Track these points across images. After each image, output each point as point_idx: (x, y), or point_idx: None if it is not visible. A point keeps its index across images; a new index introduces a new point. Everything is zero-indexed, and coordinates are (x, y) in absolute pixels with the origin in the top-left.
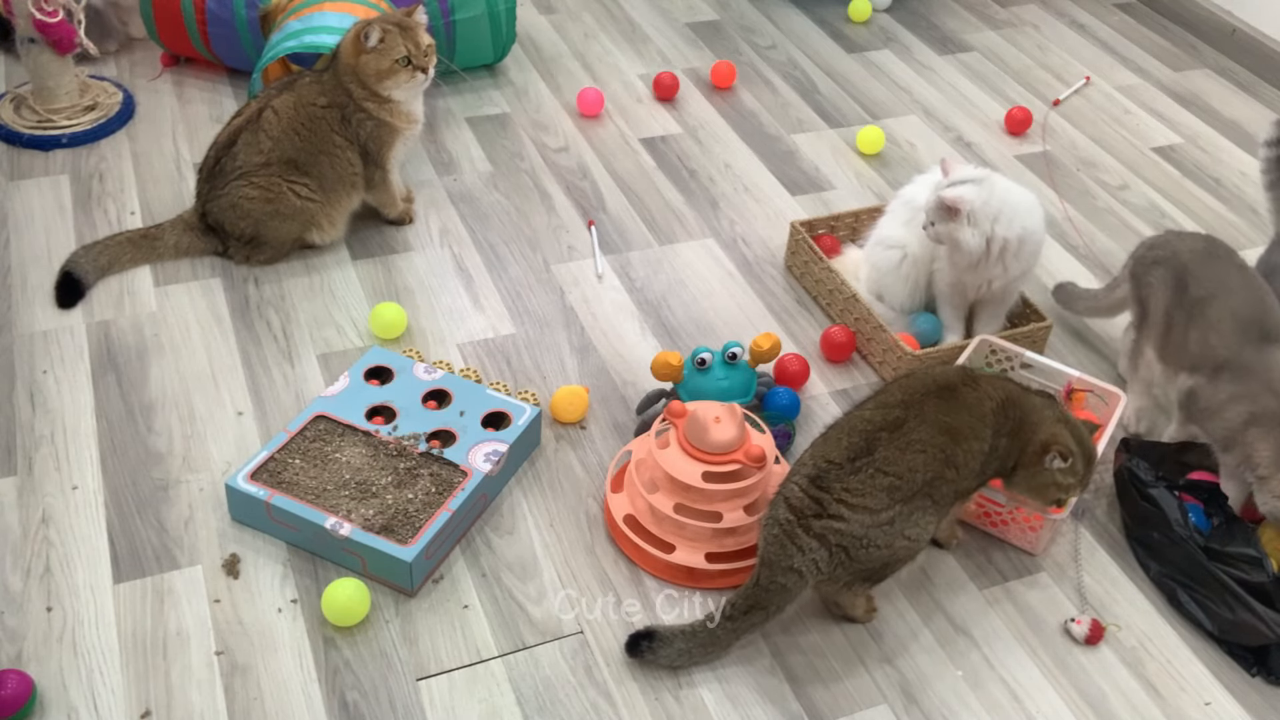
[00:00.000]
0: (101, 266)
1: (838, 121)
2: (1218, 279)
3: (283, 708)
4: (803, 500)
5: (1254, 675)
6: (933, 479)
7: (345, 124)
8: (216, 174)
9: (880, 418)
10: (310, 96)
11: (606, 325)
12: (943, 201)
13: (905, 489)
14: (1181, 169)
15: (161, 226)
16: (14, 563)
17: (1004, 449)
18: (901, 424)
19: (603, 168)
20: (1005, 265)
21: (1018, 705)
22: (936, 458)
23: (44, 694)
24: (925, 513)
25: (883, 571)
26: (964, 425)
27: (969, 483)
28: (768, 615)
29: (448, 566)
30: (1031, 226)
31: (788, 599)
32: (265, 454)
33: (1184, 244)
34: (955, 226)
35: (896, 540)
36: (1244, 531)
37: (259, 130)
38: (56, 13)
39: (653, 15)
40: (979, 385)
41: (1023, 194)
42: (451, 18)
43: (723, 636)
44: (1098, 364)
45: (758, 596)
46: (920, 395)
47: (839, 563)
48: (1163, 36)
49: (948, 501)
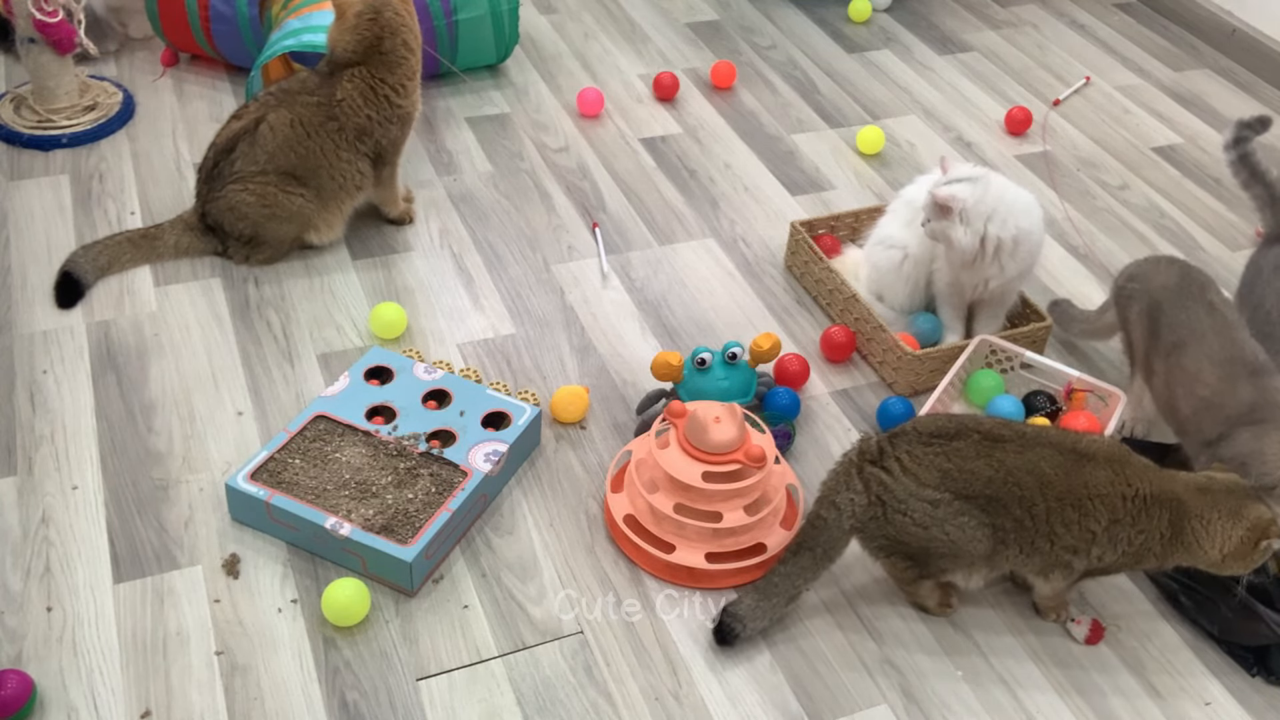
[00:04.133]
0: (101, 266)
1: (838, 121)
2: (1187, 324)
3: (283, 708)
4: (871, 447)
5: (1254, 675)
6: (997, 500)
7: (361, 139)
8: (215, 176)
9: (990, 427)
10: (308, 116)
11: (606, 325)
12: (936, 199)
13: (960, 485)
14: (1181, 169)
15: (161, 226)
16: (14, 563)
17: (1139, 544)
18: (1001, 442)
19: (603, 168)
20: (1001, 265)
21: (1018, 705)
22: (1010, 488)
23: (44, 694)
24: (975, 524)
25: (924, 559)
26: (1066, 489)
27: (1047, 544)
28: (815, 558)
29: (448, 566)
30: (1027, 226)
31: (829, 539)
32: (265, 454)
33: (1158, 278)
34: (949, 224)
35: (935, 528)
36: None
37: (255, 143)
38: (56, 13)
39: (653, 15)
40: (1123, 469)
41: (1019, 194)
42: (454, 18)
43: (780, 583)
44: (1098, 364)
45: (804, 534)
46: (1040, 439)
47: (874, 516)
48: (1163, 36)
49: (1010, 543)
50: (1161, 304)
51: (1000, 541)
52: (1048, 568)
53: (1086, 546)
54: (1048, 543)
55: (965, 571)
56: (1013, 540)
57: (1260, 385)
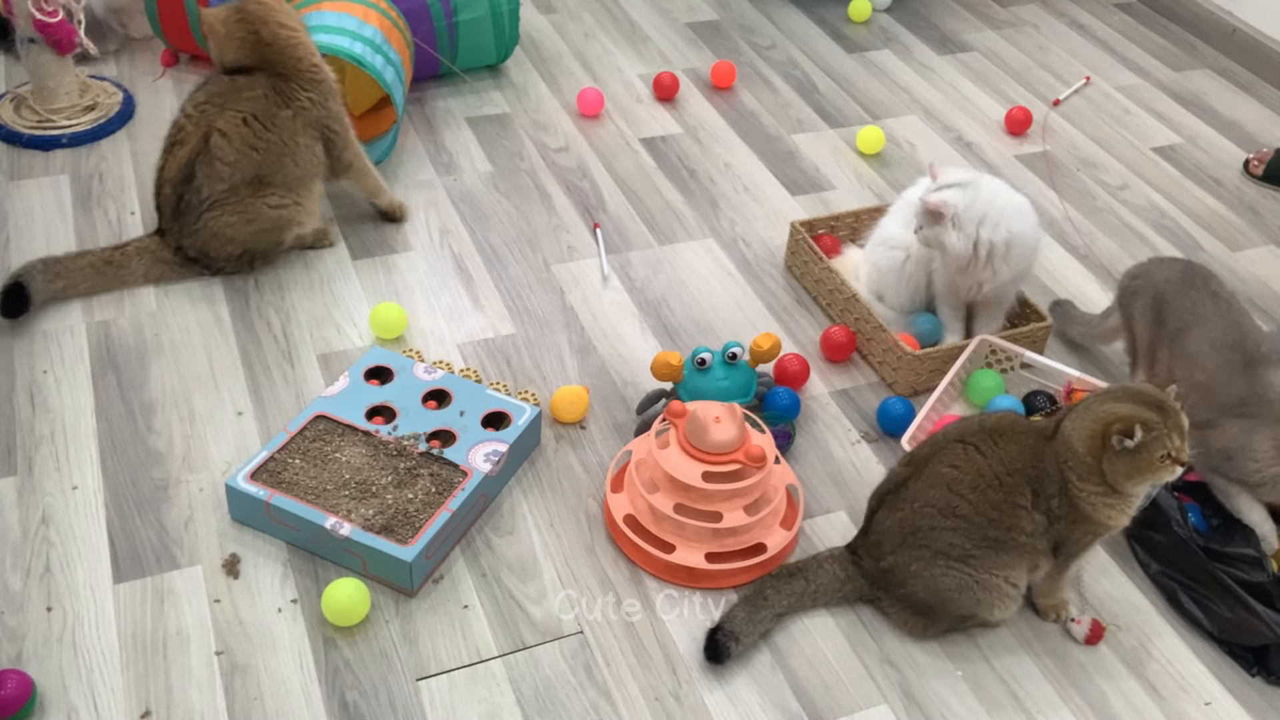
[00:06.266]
0: (56, 290)
1: (838, 121)
2: (1191, 309)
3: (283, 708)
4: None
5: (1254, 675)
6: (923, 530)
7: (303, 115)
8: (183, 211)
9: (895, 470)
10: (259, 109)
11: (606, 325)
12: (927, 205)
13: (901, 539)
14: (1181, 169)
15: (127, 253)
16: (14, 563)
17: (1058, 484)
18: (902, 483)
19: (603, 168)
20: (994, 269)
21: (1018, 705)
22: (924, 510)
23: (44, 694)
24: (943, 565)
25: (941, 611)
26: (975, 476)
27: (1001, 533)
28: (806, 590)
29: (448, 566)
30: (1020, 230)
31: (826, 587)
32: (265, 454)
33: (1161, 273)
34: (940, 230)
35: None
36: (1243, 531)
37: (212, 161)
38: (56, 13)
39: (653, 15)
40: (1018, 431)
41: (1012, 197)
42: (454, 18)
43: (771, 596)
44: (1098, 364)
45: (807, 565)
46: (938, 442)
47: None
48: (1163, 36)
49: (978, 553)
50: (1165, 295)
51: (972, 555)
52: (1022, 558)
53: (1028, 517)
54: (1001, 531)
55: (988, 599)
56: (977, 548)
57: (1254, 377)
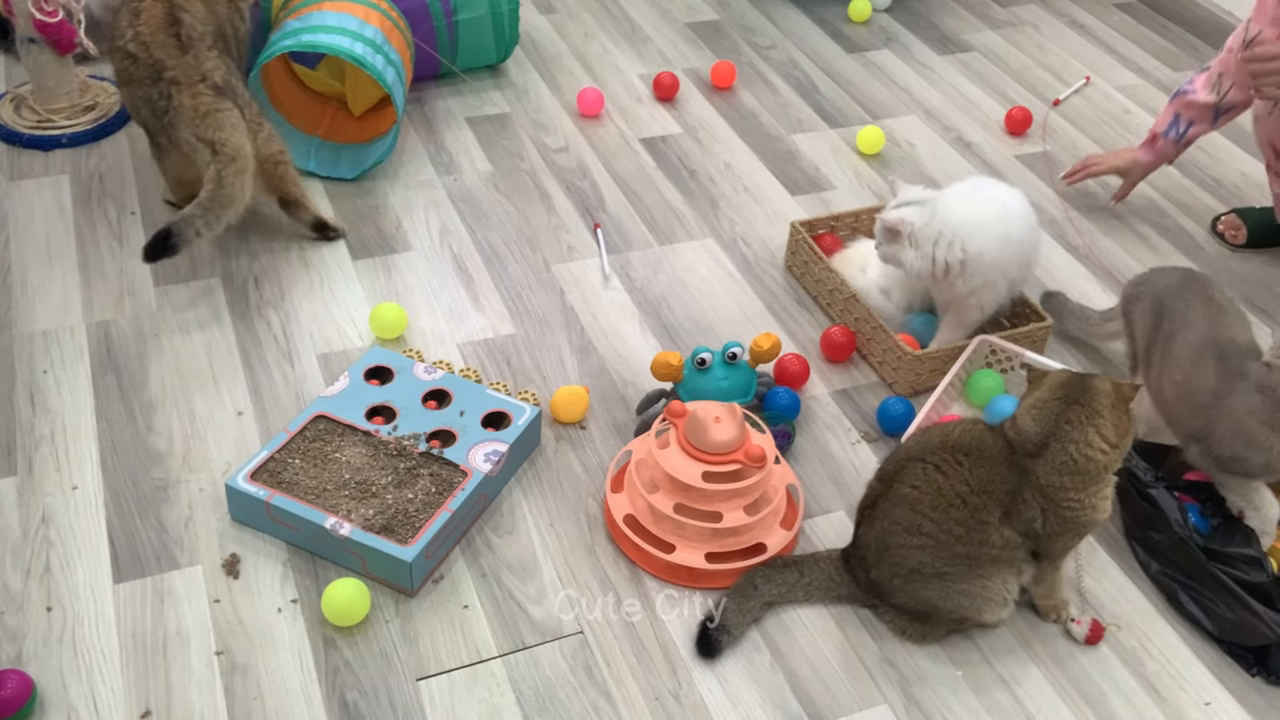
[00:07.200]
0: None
1: (838, 121)
2: (1183, 313)
3: (283, 708)
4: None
5: (1254, 675)
6: (893, 548)
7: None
8: (187, 44)
9: (870, 487)
10: None
11: (606, 325)
12: (884, 223)
13: (880, 554)
14: (1181, 169)
15: None
16: (14, 563)
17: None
18: (875, 499)
19: (603, 168)
20: (951, 284)
21: (1018, 705)
22: (893, 528)
23: (44, 694)
24: (923, 578)
25: (934, 615)
26: (936, 494)
27: (974, 548)
28: (800, 582)
29: (448, 566)
30: (975, 249)
31: (820, 582)
32: (265, 454)
33: (1162, 279)
34: (898, 248)
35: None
36: (1243, 531)
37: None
38: (56, 13)
39: (653, 15)
40: (983, 447)
41: (971, 214)
42: (454, 18)
43: (761, 585)
44: (1098, 364)
45: (803, 560)
46: (905, 455)
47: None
48: (1163, 36)
49: (958, 564)
50: (1164, 300)
51: (946, 572)
52: (999, 568)
53: (996, 532)
54: (973, 546)
55: (975, 605)
56: (949, 565)
57: (1224, 370)
